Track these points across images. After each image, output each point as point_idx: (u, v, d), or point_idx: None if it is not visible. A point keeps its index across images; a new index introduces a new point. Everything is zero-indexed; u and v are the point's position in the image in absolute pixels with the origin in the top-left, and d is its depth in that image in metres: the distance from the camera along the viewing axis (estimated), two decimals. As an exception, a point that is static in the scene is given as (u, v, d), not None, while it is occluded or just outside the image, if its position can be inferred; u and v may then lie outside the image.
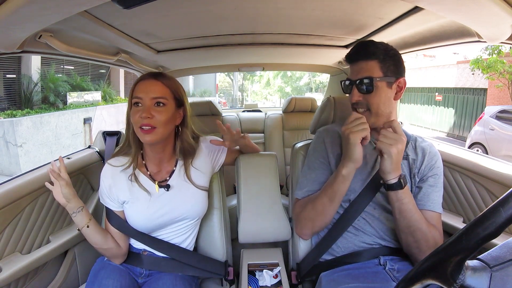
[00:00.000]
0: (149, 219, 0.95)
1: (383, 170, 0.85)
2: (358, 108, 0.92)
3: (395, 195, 0.86)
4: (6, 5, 0.59)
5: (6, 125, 5.96)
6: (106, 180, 0.95)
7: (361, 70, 0.90)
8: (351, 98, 0.93)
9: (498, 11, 0.66)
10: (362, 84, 0.90)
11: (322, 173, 1.01)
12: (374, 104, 0.90)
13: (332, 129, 1.06)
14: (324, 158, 1.01)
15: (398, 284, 0.47)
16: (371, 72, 0.89)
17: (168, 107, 0.91)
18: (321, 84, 19.09)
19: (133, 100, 0.90)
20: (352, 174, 0.89)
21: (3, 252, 0.94)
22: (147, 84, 0.91)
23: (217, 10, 1.02)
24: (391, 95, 0.91)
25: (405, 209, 0.86)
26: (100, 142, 1.37)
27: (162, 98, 0.90)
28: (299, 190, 1.04)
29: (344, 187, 0.90)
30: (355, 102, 0.92)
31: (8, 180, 1.02)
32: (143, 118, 0.87)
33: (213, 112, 2.52)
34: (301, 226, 1.03)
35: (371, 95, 0.89)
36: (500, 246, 0.41)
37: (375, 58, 0.89)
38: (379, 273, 0.90)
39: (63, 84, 7.64)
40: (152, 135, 0.89)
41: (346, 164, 0.88)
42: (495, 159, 1.19)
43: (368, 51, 0.90)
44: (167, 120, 0.91)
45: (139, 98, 0.89)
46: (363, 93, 0.90)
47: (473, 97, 10.32)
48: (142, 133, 0.89)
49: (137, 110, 0.89)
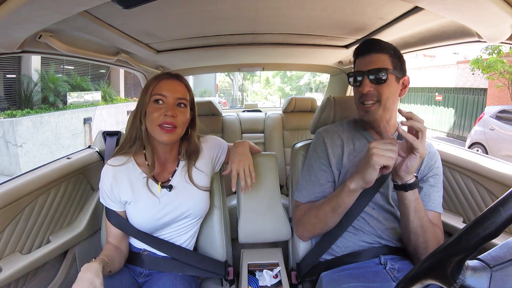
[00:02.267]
0: (152, 219, 0.94)
1: (410, 169, 0.79)
2: (368, 99, 0.91)
3: (413, 194, 0.83)
4: (6, 5, 0.59)
5: (6, 125, 5.96)
6: (107, 179, 0.94)
7: (372, 61, 0.90)
8: (361, 89, 0.91)
9: (498, 11, 0.66)
10: (375, 74, 0.89)
11: (322, 174, 1.00)
12: (385, 95, 0.89)
13: (332, 130, 1.05)
14: (325, 159, 1.01)
15: (398, 284, 0.47)
16: (384, 64, 0.90)
17: (187, 108, 0.94)
18: (321, 84, 19.09)
19: (154, 97, 0.89)
20: (359, 191, 0.85)
21: (3, 252, 0.94)
22: (171, 83, 0.92)
23: (217, 10, 1.02)
24: (397, 91, 0.93)
25: (420, 207, 0.85)
26: (100, 142, 1.37)
27: (184, 99, 0.92)
28: (299, 192, 1.04)
29: (349, 201, 0.87)
30: (366, 93, 0.90)
31: (8, 180, 1.02)
32: (168, 116, 0.87)
33: (213, 112, 2.52)
34: (302, 230, 1.03)
35: (383, 85, 0.89)
36: (500, 246, 0.41)
37: (387, 52, 0.91)
38: (380, 273, 0.90)
39: (63, 84, 7.64)
40: (172, 134, 0.89)
41: (356, 180, 0.83)
42: (495, 159, 1.19)
43: (381, 45, 0.92)
44: (186, 121, 0.93)
45: (163, 96, 0.89)
46: (375, 84, 0.90)
47: (473, 97, 10.32)
48: (161, 132, 0.88)
49: (158, 107, 0.89)
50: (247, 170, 1.04)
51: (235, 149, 1.08)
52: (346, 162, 0.98)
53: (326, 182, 0.99)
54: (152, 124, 0.89)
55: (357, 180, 0.82)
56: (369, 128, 1.01)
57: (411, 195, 0.83)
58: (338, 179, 1.00)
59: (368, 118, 0.94)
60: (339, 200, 0.88)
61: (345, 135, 1.02)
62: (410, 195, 0.83)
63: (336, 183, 1.00)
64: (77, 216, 1.25)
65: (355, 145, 1.00)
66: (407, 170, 0.79)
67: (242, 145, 1.09)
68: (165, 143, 0.92)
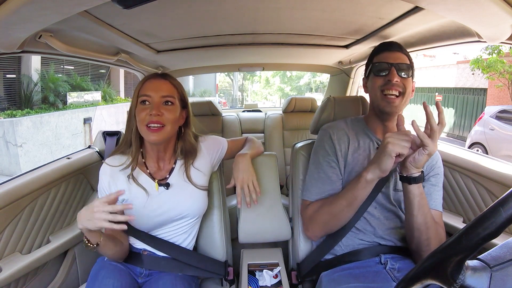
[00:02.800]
0: (148, 217, 0.95)
1: (417, 163, 0.81)
2: (392, 90, 0.92)
3: (418, 189, 0.85)
4: (6, 5, 0.59)
5: (6, 125, 5.96)
6: (105, 178, 0.95)
7: (399, 58, 0.96)
8: (390, 77, 0.92)
9: (498, 11, 0.66)
10: (404, 67, 0.94)
11: (333, 171, 0.99)
12: (409, 89, 0.95)
13: (338, 126, 1.05)
14: (333, 155, 1.00)
15: (398, 284, 0.47)
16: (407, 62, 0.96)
17: (175, 106, 0.93)
18: (321, 84, 19.09)
19: (141, 98, 0.90)
20: (375, 181, 0.87)
21: (3, 252, 0.95)
22: (156, 83, 0.92)
23: (217, 10, 1.02)
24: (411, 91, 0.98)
25: (424, 203, 0.86)
26: (100, 142, 1.37)
27: (170, 97, 0.92)
28: (307, 191, 1.03)
29: (365, 192, 0.88)
30: (394, 82, 0.92)
31: (8, 180, 1.02)
32: (153, 115, 0.87)
33: (213, 112, 2.52)
34: (313, 229, 1.00)
35: (408, 80, 0.94)
36: (500, 246, 0.41)
37: (408, 57, 0.98)
38: (380, 273, 0.90)
39: (63, 84, 7.64)
40: (159, 134, 0.89)
41: (372, 170, 0.84)
42: (495, 159, 1.19)
43: (405, 50, 0.99)
44: (175, 119, 0.92)
45: (148, 96, 0.90)
46: (401, 77, 0.93)
47: (473, 97, 10.31)
48: (148, 132, 0.89)
49: (144, 108, 0.89)
50: (251, 186, 1.03)
51: (237, 165, 1.05)
52: (351, 160, 0.99)
53: (337, 179, 0.99)
54: (140, 124, 0.90)
55: (374, 169, 0.84)
56: (375, 126, 1.01)
57: (416, 189, 0.84)
58: (343, 177, 1.00)
59: (389, 109, 0.95)
60: (355, 193, 0.88)
61: (350, 132, 1.03)
62: (414, 189, 0.84)
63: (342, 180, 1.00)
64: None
65: (359, 143, 1.01)
66: (415, 163, 0.82)
67: (244, 160, 1.06)
68: (153, 142, 0.91)
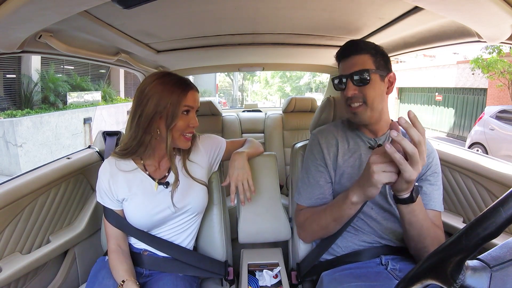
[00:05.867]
0: (149, 215, 0.95)
1: (397, 189, 0.72)
2: (353, 102, 0.91)
3: (405, 208, 0.77)
4: (6, 5, 0.59)
5: (6, 125, 5.96)
6: (104, 176, 0.95)
7: (354, 64, 0.91)
8: (346, 92, 0.92)
9: (498, 11, 0.66)
10: (357, 76, 0.90)
11: (320, 176, 1.00)
12: (370, 96, 0.90)
13: (327, 130, 1.05)
14: (321, 160, 1.01)
15: (398, 284, 0.47)
16: (365, 65, 0.90)
17: None
18: (321, 84, 19.09)
19: (186, 108, 0.92)
20: (362, 203, 0.82)
21: (3, 252, 0.95)
22: (195, 94, 0.95)
23: (217, 10, 1.02)
24: (383, 89, 0.93)
25: (416, 220, 0.79)
26: (100, 142, 1.37)
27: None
28: (299, 195, 1.04)
29: (352, 211, 0.84)
30: (351, 96, 0.91)
31: (8, 180, 1.02)
32: (194, 127, 0.94)
33: (213, 112, 2.52)
34: (304, 235, 1.04)
35: (366, 87, 0.89)
36: (500, 246, 0.41)
37: (367, 52, 0.91)
38: (381, 273, 0.90)
39: (63, 84, 7.64)
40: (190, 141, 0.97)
41: (358, 193, 0.78)
42: (495, 159, 1.19)
43: (360, 47, 0.93)
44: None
45: (191, 107, 0.93)
46: (359, 86, 0.90)
47: (473, 97, 10.31)
48: (185, 140, 0.94)
49: (187, 118, 0.93)
50: (245, 184, 1.03)
51: (232, 163, 1.05)
52: (341, 162, 0.98)
53: (324, 183, 0.99)
54: (177, 132, 0.92)
55: (359, 194, 0.78)
56: (362, 128, 1.00)
57: (404, 208, 0.78)
58: (334, 180, 1.00)
59: (356, 120, 0.94)
60: (341, 212, 0.86)
61: (340, 134, 1.02)
62: (402, 208, 0.78)
63: (333, 184, 1.00)
64: (77, 216, 1.25)
65: (349, 144, 1.00)
66: (395, 189, 0.73)
67: (240, 158, 1.06)
68: (185, 148, 0.97)
